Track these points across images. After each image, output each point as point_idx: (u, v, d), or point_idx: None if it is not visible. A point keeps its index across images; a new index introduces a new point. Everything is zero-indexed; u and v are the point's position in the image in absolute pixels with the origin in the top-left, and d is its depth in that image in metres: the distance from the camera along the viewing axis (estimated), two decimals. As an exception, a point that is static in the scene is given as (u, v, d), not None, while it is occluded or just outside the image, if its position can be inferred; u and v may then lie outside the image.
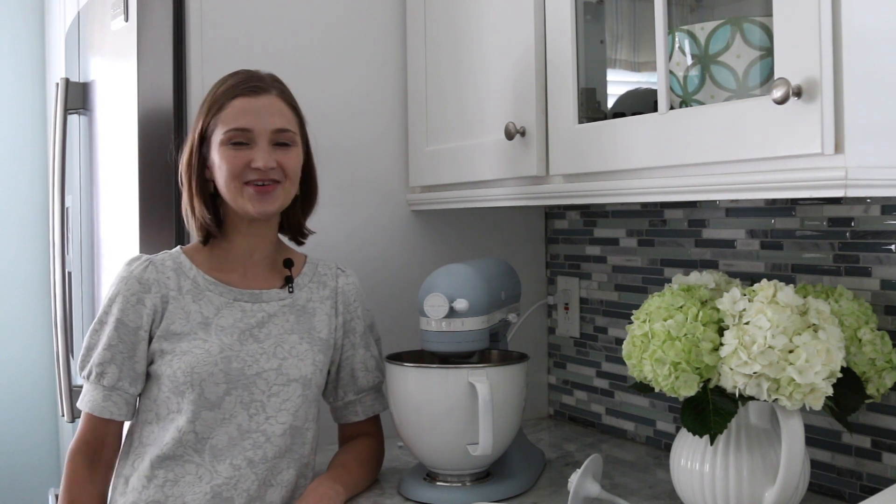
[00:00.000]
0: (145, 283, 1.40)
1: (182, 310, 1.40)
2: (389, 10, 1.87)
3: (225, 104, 1.40)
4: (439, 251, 1.91)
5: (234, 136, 1.38)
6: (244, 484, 1.37)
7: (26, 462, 3.05)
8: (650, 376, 1.20)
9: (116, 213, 1.90)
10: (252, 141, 1.39)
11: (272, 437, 1.39)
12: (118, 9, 1.82)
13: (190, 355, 1.36)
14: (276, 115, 1.41)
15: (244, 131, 1.38)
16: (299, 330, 1.45)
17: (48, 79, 3.04)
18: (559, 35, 1.43)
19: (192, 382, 1.35)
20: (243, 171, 1.38)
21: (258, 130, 1.39)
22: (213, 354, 1.37)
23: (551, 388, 2.05)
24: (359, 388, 1.53)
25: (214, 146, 1.40)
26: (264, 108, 1.40)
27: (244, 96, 1.40)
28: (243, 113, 1.39)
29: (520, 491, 1.47)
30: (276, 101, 1.42)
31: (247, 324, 1.42)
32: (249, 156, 1.38)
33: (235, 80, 1.42)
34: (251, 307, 1.43)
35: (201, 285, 1.42)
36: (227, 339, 1.39)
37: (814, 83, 0.99)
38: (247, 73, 1.44)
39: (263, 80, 1.43)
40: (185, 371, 1.36)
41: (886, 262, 1.33)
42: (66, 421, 2.17)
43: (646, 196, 1.30)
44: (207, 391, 1.36)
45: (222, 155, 1.39)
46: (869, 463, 1.36)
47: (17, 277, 3.07)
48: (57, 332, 2.17)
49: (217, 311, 1.41)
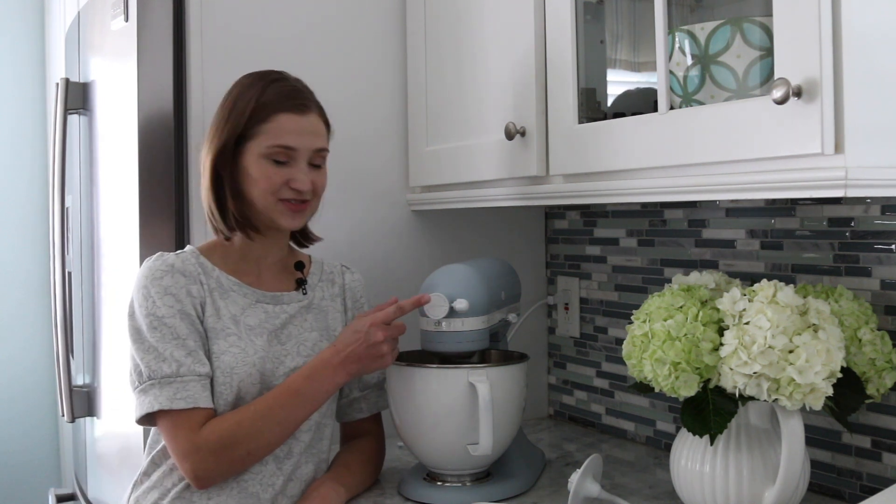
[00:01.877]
0: (188, 274, 1.37)
1: (213, 306, 1.38)
2: (389, 10, 1.87)
3: (270, 116, 1.37)
4: (439, 251, 1.91)
5: (278, 154, 1.37)
6: (270, 479, 1.38)
7: (26, 462, 3.05)
8: (650, 376, 1.20)
9: (116, 213, 1.89)
10: (292, 159, 1.38)
11: (299, 434, 1.41)
12: (118, 9, 1.81)
13: (228, 356, 1.35)
14: (319, 137, 1.41)
15: (289, 150, 1.38)
16: (318, 328, 1.47)
17: (48, 79, 3.04)
18: (559, 35, 1.43)
19: (231, 383, 1.34)
20: (281, 189, 1.38)
21: (301, 150, 1.39)
22: (250, 355, 1.36)
23: (551, 388, 2.05)
24: (364, 385, 1.54)
25: (252, 154, 1.37)
26: (308, 128, 1.40)
27: (292, 112, 1.38)
28: (289, 132, 1.37)
29: (520, 491, 1.47)
30: (317, 120, 1.42)
31: (271, 325, 1.42)
32: (289, 174, 1.38)
33: (280, 91, 1.39)
34: (273, 309, 1.44)
35: (225, 285, 1.41)
36: (258, 341, 1.39)
37: (814, 83, 1.00)
38: (291, 86, 1.41)
39: (306, 95, 1.42)
40: (224, 371, 1.34)
41: (886, 262, 1.33)
42: (66, 421, 2.17)
43: (646, 196, 1.30)
44: (244, 391, 1.36)
45: (261, 168, 1.37)
46: (869, 463, 1.36)
47: (16, 277, 3.06)
48: (57, 332, 2.17)
49: (242, 311, 1.41)
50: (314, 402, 1.36)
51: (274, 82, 1.41)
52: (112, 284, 1.92)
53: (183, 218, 1.66)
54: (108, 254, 1.99)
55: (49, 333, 2.87)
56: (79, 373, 2.24)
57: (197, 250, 1.44)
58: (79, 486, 2.38)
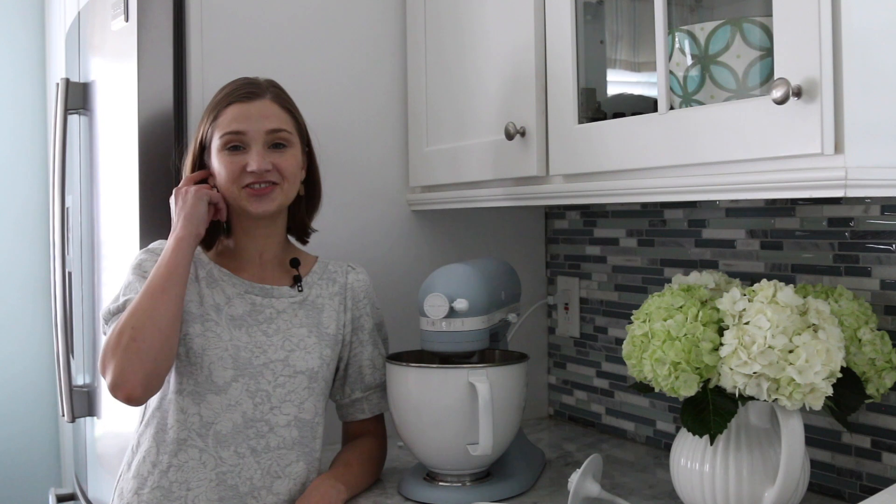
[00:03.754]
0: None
1: (197, 294, 1.43)
2: (389, 11, 1.87)
3: (221, 111, 1.43)
4: (439, 251, 1.91)
5: (230, 141, 1.42)
6: (247, 472, 1.39)
7: (26, 462, 3.05)
8: (650, 376, 1.20)
9: (116, 213, 1.89)
10: (247, 144, 1.42)
11: (276, 427, 1.41)
12: (118, 9, 1.81)
13: (202, 338, 1.39)
14: (270, 118, 1.43)
15: (238, 134, 1.41)
16: (307, 324, 1.47)
17: (48, 79, 3.03)
18: (559, 35, 1.43)
19: (202, 364, 1.38)
20: (240, 176, 1.41)
21: (252, 133, 1.41)
22: (224, 340, 1.40)
23: (551, 388, 2.05)
24: (366, 386, 1.54)
25: (213, 153, 1.44)
26: (257, 112, 1.43)
27: (238, 102, 1.43)
28: (236, 118, 1.42)
29: (520, 491, 1.47)
30: (269, 104, 1.44)
31: (256, 318, 1.44)
32: (245, 159, 1.41)
33: (231, 88, 1.46)
34: (261, 301, 1.46)
35: (216, 276, 1.46)
36: (237, 329, 1.42)
37: (814, 83, 1.00)
38: (243, 81, 1.47)
39: (259, 85, 1.46)
40: (196, 353, 1.38)
41: (886, 262, 1.33)
42: (67, 421, 2.17)
43: (646, 196, 1.30)
44: (215, 374, 1.38)
45: (220, 160, 1.42)
46: (869, 463, 1.36)
47: (16, 277, 3.06)
48: (57, 332, 2.17)
49: (229, 301, 1.44)
50: (175, 270, 1.35)
51: (231, 84, 1.47)
52: (112, 284, 1.92)
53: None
54: (108, 254, 1.99)
55: (49, 333, 2.87)
56: (79, 373, 2.24)
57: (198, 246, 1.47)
58: (79, 485, 2.38)
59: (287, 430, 1.42)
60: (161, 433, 1.39)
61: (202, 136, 1.46)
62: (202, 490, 1.36)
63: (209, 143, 1.45)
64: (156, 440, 1.39)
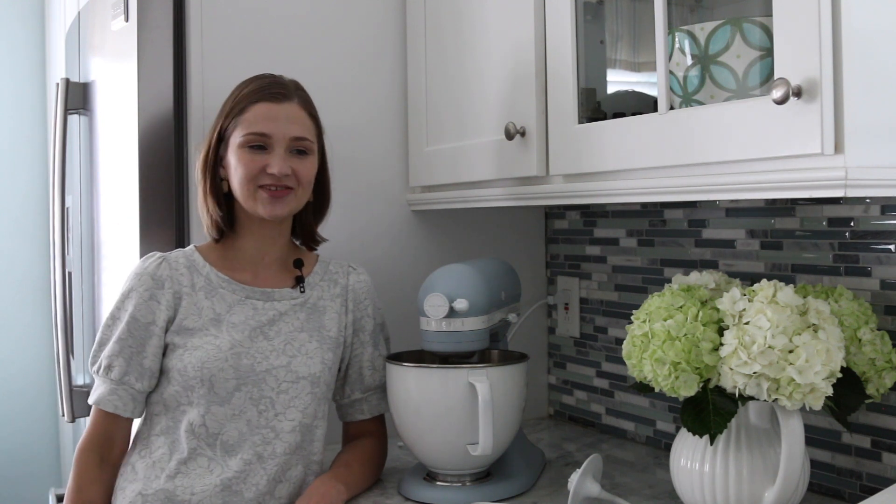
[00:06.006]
0: (158, 279, 1.42)
1: (195, 306, 1.42)
2: (389, 11, 1.87)
3: (247, 107, 1.42)
4: (439, 251, 1.91)
5: (253, 140, 1.41)
6: (254, 478, 1.38)
7: (26, 462, 3.05)
8: (650, 376, 1.20)
9: (116, 213, 1.89)
10: (270, 146, 1.41)
11: (281, 433, 1.41)
12: (118, 9, 1.81)
13: (201, 351, 1.39)
14: (296, 123, 1.43)
15: (263, 136, 1.41)
16: (309, 328, 1.47)
17: (48, 79, 3.03)
18: (559, 35, 1.43)
19: (203, 377, 1.37)
20: (258, 175, 1.41)
21: (277, 136, 1.41)
22: (224, 350, 1.39)
23: (551, 388, 2.05)
24: (366, 387, 1.54)
25: (232, 147, 1.42)
26: (284, 115, 1.42)
27: (266, 101, 1.42)
28: (264, 118, 1.41)
29: (520, 491, 1.47)
30: (297, 109, 1.44)
31: (258, 321, 1.44)
32: (266, 160, 1.41)
33: (259, 84, 1.44)
34: (262, 305, 1.45)
35: (214, 282, 1.45)
36: (238, 336, 1.41)
37: (814, 83, 1.00)
38: (271, 78, 1.46)
39: (287, 86, 1.45)
40: (195, 366, 1.38)
41: (886, 262, 1.33)
42: (67, 421, 2.17)
43: (646, 196, 1.30)
44: (217, 386, 1.38)
45: (239, 157, 1.41)
46: (869, 463, 1.36)
47: (16, 277, 3.06)
48: (57, 332, 2.17)
49: (229, 308, 1.43)
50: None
51: (258, 79, 1.46)
52: (112, 284, 1.92)
53: (183, 218, 1.66)
54: (108, 254, 1.99)
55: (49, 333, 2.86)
56: (79, 373, 2.24)
57: (195, 249, 1.48)
58: (79, 486, 2.37)
59: (292, 435, 1.42)
60: (171, 443, 1.39)
61: (222, 127, 1.44)
62: (206, 495, 1.36)
63: (229, 136, 1.43)
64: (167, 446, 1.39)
